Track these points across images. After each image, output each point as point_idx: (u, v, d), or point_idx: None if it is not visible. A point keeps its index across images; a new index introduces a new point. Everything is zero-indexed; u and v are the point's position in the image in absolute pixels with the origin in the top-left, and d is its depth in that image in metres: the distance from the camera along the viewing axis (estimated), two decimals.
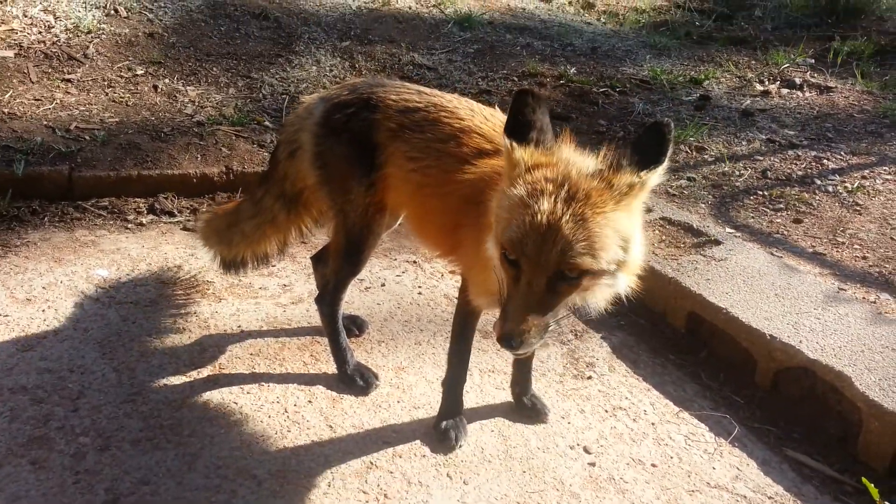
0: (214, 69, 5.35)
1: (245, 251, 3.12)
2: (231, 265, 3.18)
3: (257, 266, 3.21)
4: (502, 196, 2.04)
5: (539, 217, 1.90)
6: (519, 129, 2.03)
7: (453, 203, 2.42)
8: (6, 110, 4.49)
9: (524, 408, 2.89)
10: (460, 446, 2.70)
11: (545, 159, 2.01)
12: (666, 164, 1.96)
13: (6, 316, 3.17)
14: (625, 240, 1.98)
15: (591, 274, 1.95)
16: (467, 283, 2.56)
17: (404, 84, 2.78)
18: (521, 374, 2.90)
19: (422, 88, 2.75)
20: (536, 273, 1.92)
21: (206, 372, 2.97)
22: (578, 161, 2.02)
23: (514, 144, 2.02)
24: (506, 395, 2.98)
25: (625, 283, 2.08)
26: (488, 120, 2.54)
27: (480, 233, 2.21)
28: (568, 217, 1.89)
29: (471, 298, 2.52)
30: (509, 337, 1.92)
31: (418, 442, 2.71)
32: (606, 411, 2.96)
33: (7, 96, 4.62)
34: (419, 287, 3.70)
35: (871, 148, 5.10)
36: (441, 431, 2.71)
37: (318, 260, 3.22)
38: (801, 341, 3.00)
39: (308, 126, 2.75)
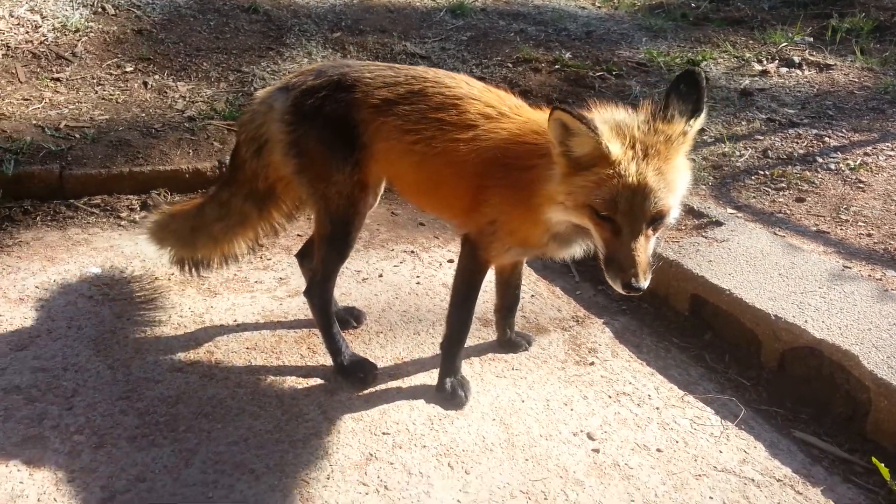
0: (204, 64, 5.28)
1: (212, 253, 3.05)
2: (194, 265, 3.09)
3: (222, 266, 3.13)
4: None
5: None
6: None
7: (473, 167, 2.50)
8: None
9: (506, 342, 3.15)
10: (467, 401, 2.80)
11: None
12: (705, 110, 2.26)
13: None
14: (683, 181, 2.32)
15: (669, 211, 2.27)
16: (491, 239, 2.58)
17: (369, 62, 2.78)
18: (507, 319, 3.11)
19: (390, 64, 2.76)
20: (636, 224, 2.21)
21: (201, 367, 2.92)
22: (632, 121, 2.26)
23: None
24: (506, 383, 2.93)
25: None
26: (471, 85, 2.64)
27: (514, 191, 2.43)
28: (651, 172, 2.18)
29: (493, 254, 2.62)
30: (637, 282, 2.22)
31: (418, 432, 2.66)
32: (610, 397, 2.91)
33: None
34: (417, 277, 3.64)
35: (873, 125, 5.02)
36: (447, 391, 2.80)
37: (304, 256, 3.16)
38: (806, 321, 2.94)
39: (275, 117, 2.70)
